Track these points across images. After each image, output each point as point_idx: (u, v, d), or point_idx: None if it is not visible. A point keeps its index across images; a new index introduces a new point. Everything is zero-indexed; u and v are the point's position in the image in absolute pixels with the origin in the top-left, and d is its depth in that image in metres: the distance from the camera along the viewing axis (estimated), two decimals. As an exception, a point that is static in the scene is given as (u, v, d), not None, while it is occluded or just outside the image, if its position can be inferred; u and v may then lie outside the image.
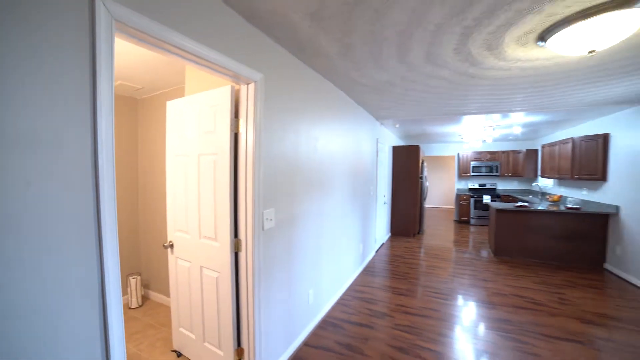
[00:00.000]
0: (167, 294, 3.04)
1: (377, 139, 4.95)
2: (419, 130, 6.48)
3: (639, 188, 3.82)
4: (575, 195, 5.58)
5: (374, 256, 5.01)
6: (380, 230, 5.53)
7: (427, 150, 9.29)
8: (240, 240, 1.83)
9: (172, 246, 2.21)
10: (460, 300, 3.33)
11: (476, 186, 8.74)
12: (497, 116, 4.75)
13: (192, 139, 2.02)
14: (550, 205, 5.22)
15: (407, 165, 6.37)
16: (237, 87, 1.80)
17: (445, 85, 2.91)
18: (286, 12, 1.58)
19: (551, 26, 1.67)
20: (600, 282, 3.91)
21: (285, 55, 2.11)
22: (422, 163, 6.87)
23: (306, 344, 2.50)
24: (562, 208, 4.78)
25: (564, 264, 4.64)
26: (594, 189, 4.91)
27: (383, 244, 5.81)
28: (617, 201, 4.26)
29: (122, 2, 1.08)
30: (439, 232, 7.11)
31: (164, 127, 2.35)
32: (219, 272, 1.90)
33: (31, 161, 0.87)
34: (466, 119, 4.93)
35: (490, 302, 3.29)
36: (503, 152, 8.30)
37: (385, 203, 5.79)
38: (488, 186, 8.69)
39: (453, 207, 10.10)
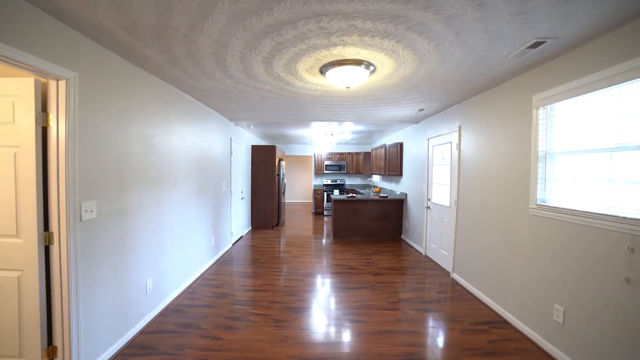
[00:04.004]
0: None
1: (231, 138, 5.30)
2: (277, 132, 7.18)
3: (414, 180, 5.56)
4: (389, 187, 7.46)
5: (231, 248, 5.36)
6: (238, 223, 5.91)
7: (289, 150, 10.24)
8: (52, 232, 1.84)
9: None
10: (294, 275, 4.07)
11: (329, 182, 10.28)
12: (335, 124, 5.87)
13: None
14: (374, 195, 6.81)
15: (264, 164, 6.97)
16: (43, 80, 1.81)
17: (275, 97, 3.52)
18: (98, 19, 1.73)
19: (322, 66, 2.43)
20: (397, 249, 5.46)
21: (112, 57, 2.20)
22: (280, 162, 7.64)
23: (143, 332, 2.62)
24: (377, 197, 6.34)
25: (378, 239, 6.19)
26: (397, 182, 6.73)
27: (242, 236, 6.22)
28: (406, 190, 6.03)
29: None
30: (296, 223, 8.05)
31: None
32: (21, 271, 1.83)
33: None
34: (314, 124, 5.88)
35: (317, 273, 4.16)
36: (349, 153, 10.09)
37: (242, 198, 6.20)
38: (338, 182, 10.36)
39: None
